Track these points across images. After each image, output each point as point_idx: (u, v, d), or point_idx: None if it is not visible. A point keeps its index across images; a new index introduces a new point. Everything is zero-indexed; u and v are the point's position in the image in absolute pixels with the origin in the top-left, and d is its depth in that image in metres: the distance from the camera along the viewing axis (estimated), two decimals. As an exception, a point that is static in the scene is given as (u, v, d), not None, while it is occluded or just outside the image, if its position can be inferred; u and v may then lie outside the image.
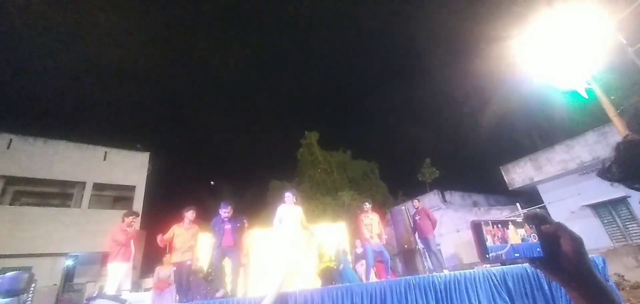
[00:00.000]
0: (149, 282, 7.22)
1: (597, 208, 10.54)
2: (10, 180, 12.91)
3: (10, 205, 12.90)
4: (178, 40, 44.38)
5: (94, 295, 3.76)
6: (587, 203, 10.61)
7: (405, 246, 7.81)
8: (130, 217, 5.46)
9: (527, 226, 0.58)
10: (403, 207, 8.53)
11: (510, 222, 0.59)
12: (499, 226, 0.58)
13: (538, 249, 0.57)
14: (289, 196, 5.41)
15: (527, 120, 18.68)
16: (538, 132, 17.47)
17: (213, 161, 41.68)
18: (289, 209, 5.33)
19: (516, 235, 0.58)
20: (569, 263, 0.52)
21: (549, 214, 0.59)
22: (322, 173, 19.33)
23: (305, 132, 20.49)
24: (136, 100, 43.64)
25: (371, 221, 6.44)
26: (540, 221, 0.58)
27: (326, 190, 18.33)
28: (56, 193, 14.32)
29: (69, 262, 10.94)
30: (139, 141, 16.64)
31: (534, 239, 0.58)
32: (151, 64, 43.47)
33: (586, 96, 7.19)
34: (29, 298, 3.56)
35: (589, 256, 0.52)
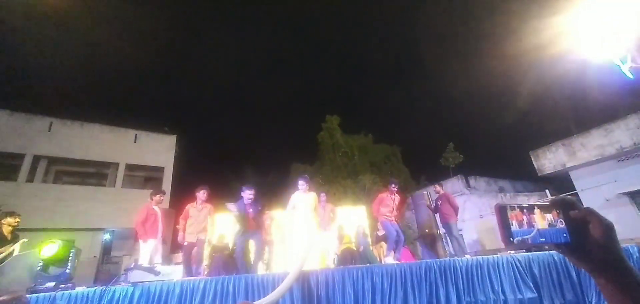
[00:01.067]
0: (179, 257, 7.65)
1: (635, 196, 9.92)
2: (53, 160, 13.95)
3: (53, 183, 14.01)
4: (200, 27, 45.03)
5: (131, 267, 4.05)
6: (625, 191, 10.00)
7: (427, 231, 7.77)
8: (158, 195, 5.67)
9: (554, 212, 0.56)
10: (425, 192, 8.44)
11: (536, 207, 0.57)
12: (525, 210, 0.56)
13: (565, 235, 0.55)
14: (302, 183, 5.50)
15: (560, 102, 17.59)
16: (572, 115, 16.42)
17: (236, 143, 42.69)
18: (301, 196, 5.45)
19: (543, 220, 0.56)
20: (598, 249, 0.51)
21: (579, 200, 0.57)
22: (343, 157, 19.32)
23: (327, 116, 20.45)
24: (163, 85, 45.17)
25: (393, 201, 6.47)
26: (568, 206, 0.56)
27: (347, 173, 18.35)
28: (93, 173, 15.33)
29: (107, 236, 11.80)
30: (165, 124, 17.36)
31: (561, 224, 0.56)
32: (175, 50, 44.57)
33: (630, 75, 6.62)
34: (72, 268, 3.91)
35: (622, 244, 0.51)
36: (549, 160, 12.36)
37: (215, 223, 6.09)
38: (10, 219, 4.57)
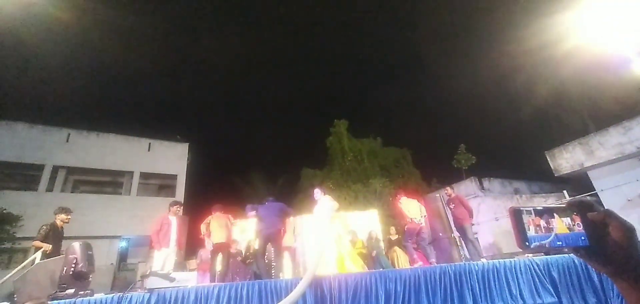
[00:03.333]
0: (193, 263, 7.75)
1: (659, 196, 9.53)
2: (71, 170, 14.40)
3: (71, 192, 14.43)
4: (209, 35, 45.90)
5: (147, 273, 4.12)
6: (648, 190, 9.63)
7: (440, 234, 7.63)
8: (175, 206, 5.97)
9: (573, 215, 0.55)
10: (438, 195, 8.31)
11: (555, 212, 0.56)
12: (544, 215, 0.55)
13: (583, 238, 0.53)
14: (317, 192, 5.59)
15: (577, 100, 17.09)
16: (589, 113, 15.93)
17: (247, 149, 43.13)
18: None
19: (562, 224, 0.55)
20: (619, 252, 0.49)
21: (599, 202, 0.55)
22: (353, 161, 19.26)
23: (335, 120, 20.44)
24: (173, 94, 46.16)
25: (420, 227, 6.53)
26: (586, 209, 0.54)
27: (357, 177, 18.26)
28: (109, 182, 15.73)
29: (123, 244, 12.04)
30: (177, 133, 17.70)
31: (579, 227, 0.54)
32: (185, 60, 45.56)
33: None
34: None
35: None
36: (565, 160, 12.00)
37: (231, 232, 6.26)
38: (63, 216, 5.15)
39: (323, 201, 5.31)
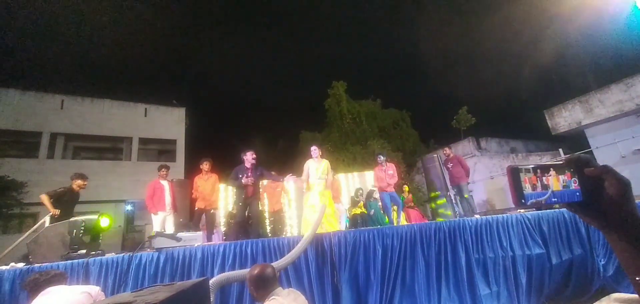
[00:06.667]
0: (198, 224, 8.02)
1: (654, 152, 9.70)
2: (69, 137, 14.36)
3: (72, 159, 14.51)
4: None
5: (154, 234, 4.28)
6: (642, 147, 9.78)
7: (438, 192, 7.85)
8: (163, 170, 6.02)
9: (568, 172, 0.55)
10: (435, 155, 8.44)
11: (551, 168, 0.55)
12: (539, 172, 0.54)
13: (578, 193, 0.53)
14: (314, 150, 5.54)
15: (578, 58, 16.73)
16: (592, 71, 15.65)
17: (246, 113, 42.82)
18: (315, 163, 5.52)
19: (557, 181, 0.54)
20: (613, 206, 0.50)
21: (594, 159, 0.55)
22: (351, 123, 19.20)
23: (333, 82, 20.08)
24: (168, 58, 44.80)
25: (385, 173, 6.63)
26: (583, 164, 0.54)
27: (356, 139, 18.32)
28: (109, 148, 15.76)
29: (129, 207, 12.34)
30: (173, 97, 17.44)
31: (575, 184, 0.54)
32: (181, 21, 43.66)
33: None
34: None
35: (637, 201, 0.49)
36: (564, 118, 12.05)
37: (218, 191, 6.48)
38: (79, 181, 5.27)
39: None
